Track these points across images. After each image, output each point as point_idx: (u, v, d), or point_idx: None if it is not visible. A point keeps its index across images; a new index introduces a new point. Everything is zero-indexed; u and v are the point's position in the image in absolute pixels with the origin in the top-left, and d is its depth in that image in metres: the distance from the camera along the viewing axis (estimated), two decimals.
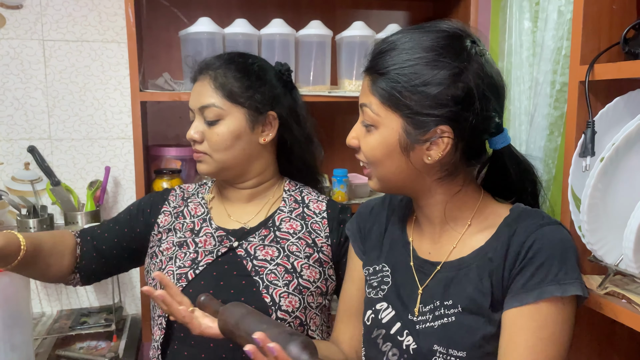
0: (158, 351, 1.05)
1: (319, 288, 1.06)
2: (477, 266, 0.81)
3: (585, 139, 0.82)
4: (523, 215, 0.81)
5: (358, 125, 0.85)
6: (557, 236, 0.77)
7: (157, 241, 1.14)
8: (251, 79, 1.08)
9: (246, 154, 1.09)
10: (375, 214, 0.99)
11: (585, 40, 0.88)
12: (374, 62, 0.81)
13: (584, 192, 0.80)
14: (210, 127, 1.06)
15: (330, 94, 1.55)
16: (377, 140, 0.81)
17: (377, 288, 0.91)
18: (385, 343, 0.87)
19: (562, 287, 0.74)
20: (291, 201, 1.14)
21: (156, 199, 1.20)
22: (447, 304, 0.81)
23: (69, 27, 1.60)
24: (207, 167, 1.09)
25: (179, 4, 1.65)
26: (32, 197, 1.60)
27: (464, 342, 0.78)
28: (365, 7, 1.81)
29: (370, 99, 0.81)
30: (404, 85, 0.77)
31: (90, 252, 1.12)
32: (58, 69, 1.60)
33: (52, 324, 1.58)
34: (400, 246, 0.92)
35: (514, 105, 1.65)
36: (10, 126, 1.59)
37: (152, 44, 1.65)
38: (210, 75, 1.08)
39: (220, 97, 1.06)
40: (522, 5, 1.62)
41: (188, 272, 1.04)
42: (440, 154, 0.78)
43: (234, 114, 1.06)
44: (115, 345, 1.45)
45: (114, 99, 1.65)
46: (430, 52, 0.77)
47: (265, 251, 1.05)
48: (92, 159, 1.66)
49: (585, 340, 0.96)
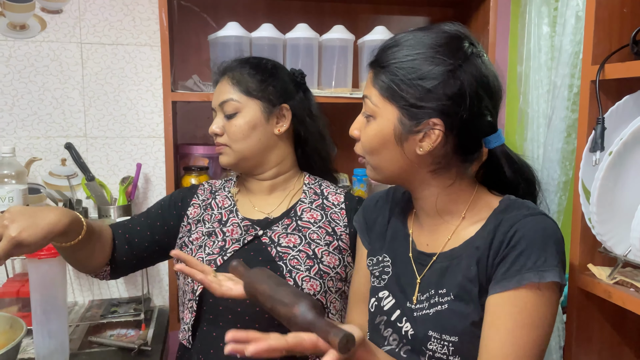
0: (188, 333, 1.12)
1: (338, 274, 1.12)
2: (466, 255, 0.85)
3: (595, 135, 0.87)
4: (510, 207, 0.85)
5: (360, 117, 0.90)
6: (540, 225, 0.80)
7: (186, 232, 1.21)
8: (264, 75, 1.19)
9: (262, 144, 1.17)
10: (379, 207, 1.04)
11: (596, 42, 0.92)
12: (378, 56, 0.87)
13: (594, 184, 0.84)
14: (229, 120, 1.16)
15: (351, 96, 1.61)
16: (374, 130, 0.86)
17: (379, 277, 0.97)
18: (386, 329, 0.92)
19: (539, 274, 0.77)
20: (311, 193, 1.21)
21: (186, 193, 1.27)
22: (442, 292, 0.86)
23: (105, 31, 1.69)
24: (228, 158, 1.18)
25: (209, 9, 1.73)
26: (68, 191, 1.68)
27: (455, 328, 0.83)
28: (386, 13, 1.86)
29: (371, 90, 0.87)
30: (402, 78, 0.82)
31: (122, 244, 1.18)
32: (94, 70, 1.69)
33: (84, 312, 1.66)
34: (401, 238, 0.97)
35: (532, 108, 1.68)
36: (49, 124, 1.68)
37: (183, 48, 1.73)
38: (229, 75, 1.19)
39: (238, 92, 1.16)
40: (541, 10, 1.65)
41: (217, 258, 1.11)
42: (431, 146, 0.83)
43: (250, 106, 1.16)
44: (143, 333, 1.52)
45: (146, 99, 1.73)
46: (429, 49, 0.82)
47: (288, 239, 1.12)
48: (124, 156, 1.74)
49: (596, 328, 0.99)
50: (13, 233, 0.88)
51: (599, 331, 1.00)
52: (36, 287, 1.21)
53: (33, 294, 1.22)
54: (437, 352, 0.84)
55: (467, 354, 0.82)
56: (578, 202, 0.93)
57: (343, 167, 1.84)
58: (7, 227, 0.89)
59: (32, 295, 1.22)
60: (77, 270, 1.18)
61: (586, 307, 0.98)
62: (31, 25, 1.64)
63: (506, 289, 0.79)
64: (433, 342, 0.84)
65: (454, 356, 0.83)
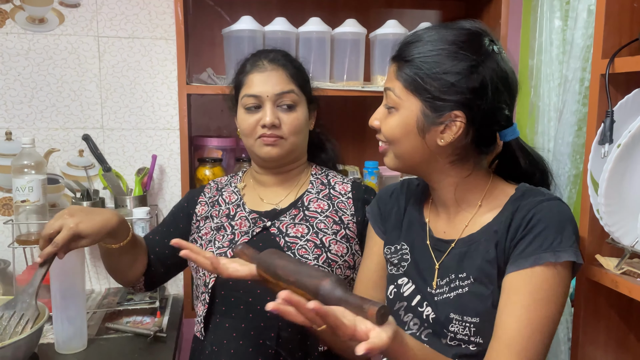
0: (201, 325, 1.15)
1: (346, 262, 1.15)
2: (484, 240, 0.89)
3: (605, 127, 0.88)
4: (527, 193, 0.89)
5: (380, 108, 0.93)
6: (556, 209, 0.85)
7: (195, 229, 1.25)
8: (306, 74, 1.24)
9: (305, 139, 1.23)
10: (395, 197, 1.07)
11: (606, 35, 0.93)
12: (401, 51, 0.90)
13: (602, 176, 0.85)
14: (286, 112, 1.16)
15: (363, 89, 1.62)
16: (396, 121, 0.89)
17: (398, 265, 1.00)
18: (407, 314, 0.95)
19: (556, 254, 0.81)
20: (318, 183, 1.24)
21: (193, 193, 1.31)
22: (462, 276, 0.89)
23: (122, 25, 1.72)
24: (280, 150, 1.16)
25: (223, 3, 1.75)
26: (85, 181, 1.72)
27: (476, 309, 0.86)
28: (398, 6, 1.87)
29: (394, 83, 0.89)
30: (426, 72, 0.85)
31: (149, 255, 1.25)
32: (111, 63, 1.72)
33: (101, 299, 1.70)
34: (418, 227, 1.00)
35: (543, 101, 1.69)
36: (67, 116, 1.72)
37: (197, 41, 1.75)
38: (283, 66, 1.18)
39: (295, 86, 1.18)
40: (553, 4, 1.65)
41: (227, 251, 1.13)
42: (452, 137, 0.86)
43: (303, 103, 1.20)
44: (159, 320, 1.55)
45: (161, 92, 1.77)
46: (452, 45, 0.86)
47: (295, 229, 1.15)
48: (140, 147, 1.78)
49: (604, 318, 1.01)
50: (71, 224, 1.01)
51: (606, 321, 1.01)
52: (56, 274, 1.25)
53: (53, 281, 1.26)
54: (459, 333, 0.87)
55: (487, 334, 0.85)
56: (587, 193, 0.94)
57: (354, 159, 1.86)
58: (67, 219, 1.02)
59: (52, 282, 1.26)
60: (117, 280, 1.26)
61: (594, 297, 1.00)
62: (50, 18, 1.68)
63: (523, 268, 0.82)
64: (455, 324, 0.87)
65: (475, 336, 0.86)
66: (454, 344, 0.88)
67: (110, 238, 1.10)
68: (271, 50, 1.23)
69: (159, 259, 1.26)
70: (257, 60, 1.19)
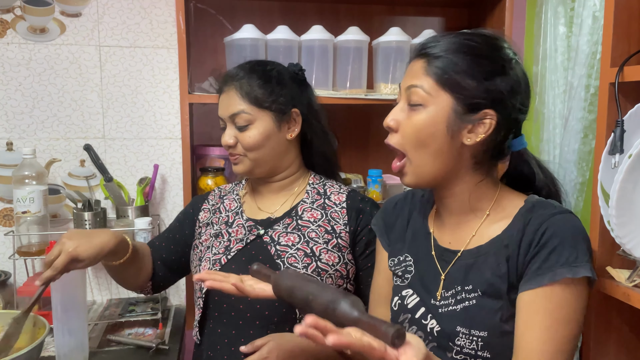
0: (197, 328, 1.19)
1: (338, 271, 1.15)
2: (494, 253, 0.87)
3: (615, 137, 0.86)
4: (537, 205, 0.87)
5: (398, 109, 0.89)
6: (569, 223, 0.83)
7: (197, 235, 1.27)
8: (272, 84, 1.18)
9: (276, 151, 1.20)
10: (399, 209, 1.06)
11: (615, 43, 0.92)
12: (429, 47, 0.87)
13: (613, 187, 0.84)
14: (242, 131, 1.17)
15: (366, 97, 1.61)
16: (424, 118, 0.86)
17: (402, 277, 0.98)
18: (411, 327, 0.93)
19: (573, 269, 0.79)
20: (314, 193, 1.24)
21: (197, 200, 1.34)
22: (468, 288, 0.87)
23: (123, 34, 1.71)
24: (243, 167, 1.20)
25: (225, 12, 1.74)
26: (86, 192, 1.71)
27: (485, 323, 0.84)
28: (401, 14, 1.87)
29: (422, 79, 0.86)
30: (462, 68, 0.84)
31: (155, 260, 1.30)
32: (112, 72, 1.72)
33: (102, 311, 1.68)
34: (422, 237, 0.99)
35: (548, 108, 1.67)
36: (68, 126, 1.71)
37: (199, 50, 1.74)
38: (236, 85, 1.18)
39: (248, 103, 1.16)
40: (557, 10, 1.64)
41: (221, 257, 1.17)
42: (482, 136, 0.85)
43: (262, 118, 1.17)
44: (161, 332, 1.54)
45: (163, 101, 1.76)
46: (484, 46, 0.86)
47: (287, 238, 1.16)
48: (141, 157, 1.76)
49: (614, 331, 0.99)
50: (70, 248, 1.04)
51: (617, 334, 0.99)
52: (57, 286, 1.23)
53: (54, 293, 1.24)
54: (465, 347, 0.85)
55: (495, 349, 0.84)
56: (597, 204, 0.93)
57: (357, 168, 1.85)
58: (65, 244, 1.04)
59: (53, 294, 1.24)
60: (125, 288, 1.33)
61: (604, 309, 0.98)
62: (51, 28, 1.67)
63: (540, 285, 0.80)
64: (461, 338, 0.85)
65: (483, 351, 0.84)
66: (459, 358, 0.86)
67: (110, 257, 1.14)
68: (239, 66, 1.23)
69: (164, 264, 1.30)
70: (222, 81, 1.22)
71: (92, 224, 1.61)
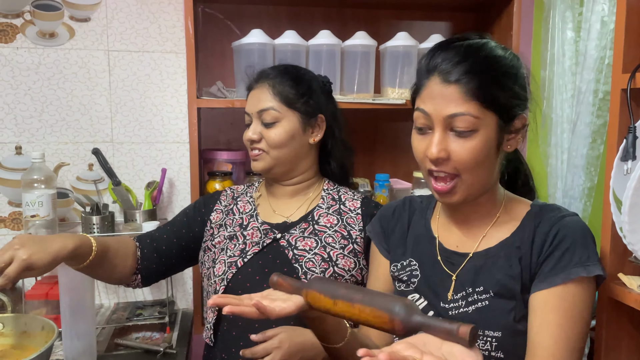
0: (210, 331, 1.18)
1: (353, 277, 1.16)
2: (505, 254, 0.88)
3: (627, 144, 0.86)
4: (544, 209, 0.90)
5: (439, 139, 0.84)
6: (578, 225, 0.86)
7: (209, 236, 1.26)
8: (304, 87, 1.22)
9: (297, 153, 1.21)
10: (397, 215, 1.05)
11: (627, 49, 0.92)
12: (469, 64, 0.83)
13: (625, 194, 0.83)
14: (268, 128, 1.19)
15: (373, 102, 1.61)
16: (479, 143, 0.83)
17: (408, 281, 0.98)
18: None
19: (586, 268, 0.82)
20: (329, 199, 1.25)
21: (209, 199, 1.32)
22: (479, 290, 0.88)
23: (132, 39, 1.71)
24: (263, 164, 1.20)
25: (233, 17, 1.75)
26: (94, 195, 1.71)
27: (499, 323, 0.85)
28: (408, 18, 1.87)
29: (467, 105, 0.82)
30: (503, 83, 0.84)
31: (150, 253, 1.24)
32: (121, 77, 1.72)
33: (110, 315, 1.69)
34: (426, 242, 0.99)
35: (556, 113, 1.67)
36: (77, 130, 1.72)
37: (207, 55, 1.75)
38: (269, 83, 1.21)
39: (278, 102, 1.19)
40: (565, 15, 1.64)
41: (237, 260, 1.16)
42: (520, 138, 0.88)
43: (289, 117, 1.19)
44: (168, 336, 1.54)
45: (171, 105, 1.76)
46: (505, 52, 0.87)
47: (304, 242, 1.17)
48: (149, 161, 1.77)
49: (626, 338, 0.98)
50: (23, 256, 0.95)
51: (628, 340, 0.99)
52: (65, 290, 1.24)
53: (62, 296, 1.24)
54: (479, 348, 0.85)
55: (508, 349, 0.84)
56: (609, 211, 0.92)
57: (365, 172, 1.85)
58: (18, 251, 0.96)
59: (62, 298, 1.24)
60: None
61: (616, 316, 0.97)
62: (60, 33, 1.68)
63: (554, 285, 0.82)
64: None
65: (497, 351, 0.85)
66: None
67: (70, 262, 1.07)
68: (273, 67, 1.27)
69: (162, 258, 1.26)
70: (255, 78, 1.25)
71: (100, 228, 1.62)
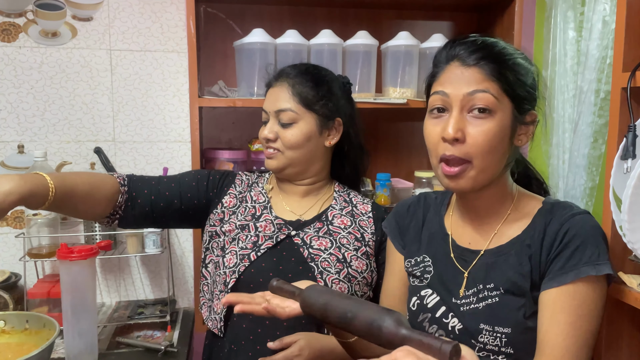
0: (220, 322, 1.16)
1: (365, 278, 1.16)
2: (515, 252, 0.89)
3: (627, 142, 0.86)
4: (556, 206, 0.90)
5: (456, 119, 0.84)
6: (589, 223, 0.86)
7: (218, 220, 1.22)
8: (323, 89, 1.20)
9: (312, 154, 1.20)
10: (412, 212, 1.07)
11: (627, 48, 0.92)
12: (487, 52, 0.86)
13: (625, 192, 0.83)
14: (284, 128, 1.18)
15: (375, 101, 1.61)
16: (495, 127, 0.84)
17: (421, 277, 0.99)
18: (431, 326, 0.94)
19: (596, 267, 0.82)
20: (341, 200, 1.25)
21: (225, 180, 1.27)
22: (489, 286, 0.89)
23: (134, 38, 1.72)
24: (277, 163, 1.19)
25: (235, 16, 1.75)
26: None
27: (509, 320, 0.86)
28: (410, 18, 1.87)
29: (487, 84, 0.84)
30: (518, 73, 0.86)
31: (145, 203, 1.18)
32: (123, 76, 1.73)
33: (111, 313, 1.69)
34: (440, 238, 1.00)
35: (558, 113, 1.67)
36: (79, 129, 1.72)
37: (209, 54, 1.75)
38: (289, 82, 1.19)
39: (296, 102, 1.18)
40: (567, 15, 1.64)
41: (250, 253, 1.15)
42: (531, 137, 0.89)
43: (307, 119, 1.18)
44: (169, 335, 1.54)
45: (173, 104, 1.77)
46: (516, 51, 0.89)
47: (319, 242, 1.16)
48: (151, 160, 1.77)
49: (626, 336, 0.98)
50: None
51: (628, 339, 0.99)
52: (67, 288, 1.24)
53: (64, 295, 1.25)
54: (489, 344, 0.86)
55: (518, 345, 0.85)
56: (609, 209, 0.92)
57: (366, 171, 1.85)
58: None
59: (64, 296, 1.25)
60: None
61: (616, 315, 0.97)
62: (62, 32, 1.69)
63: (564, 283, 0.83)
64: (485, 335, 0.87)
65: (506, 347, 0.86)
66: (482, 355, 0.88)
67: (25, 204, 0.98)
68: (294, 65, 1.25)
69: (154, 212, 1.20)
70: (275, 76, 1.24)
71: (101, 226, 1.62)
